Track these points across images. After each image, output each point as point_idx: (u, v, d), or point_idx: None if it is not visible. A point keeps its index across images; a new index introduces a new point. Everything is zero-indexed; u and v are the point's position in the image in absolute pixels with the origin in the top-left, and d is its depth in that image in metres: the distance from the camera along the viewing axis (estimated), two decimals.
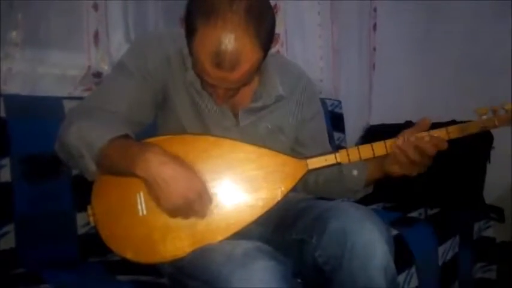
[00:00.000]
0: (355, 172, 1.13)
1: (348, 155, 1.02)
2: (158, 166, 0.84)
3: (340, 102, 2.28)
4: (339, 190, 1.19)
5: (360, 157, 1.02)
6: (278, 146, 1.06)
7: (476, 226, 1.86)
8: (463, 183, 1.88)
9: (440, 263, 1.60)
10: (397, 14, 2.55)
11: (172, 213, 0.89)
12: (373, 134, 0.98)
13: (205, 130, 1.06)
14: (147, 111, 1.06)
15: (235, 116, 1.09)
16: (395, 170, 1.06)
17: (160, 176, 0.84)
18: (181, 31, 0.95)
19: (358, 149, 1.02)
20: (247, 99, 1.10)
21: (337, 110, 2.24)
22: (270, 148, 0.99)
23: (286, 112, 1.16)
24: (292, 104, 1.17)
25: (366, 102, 2.51)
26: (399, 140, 1.01)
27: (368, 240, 0.90)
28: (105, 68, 1.50)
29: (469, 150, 1.82)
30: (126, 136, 0.92)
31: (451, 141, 1.04)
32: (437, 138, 1.00)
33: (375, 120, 2.46)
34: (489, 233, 1.91)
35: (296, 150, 1.20)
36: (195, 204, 0.87)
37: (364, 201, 1.18)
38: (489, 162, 1.91)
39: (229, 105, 1.07)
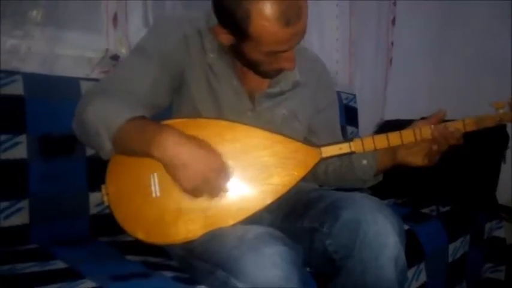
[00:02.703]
0: (364, 161, 1.12)
1: (363, 144, 1.01)
2: (174, 147, 0.85)
3: (354, 96, 2.25)
4: (349, 179, 1.19)
5: (375, 147, 1.02)
6: (293, 133, 1.06)
7: (487, 226, 1.84)
8: (477, 182, 1.86)
9: (449, 260, 1.59)
10: (417, 9, 2.52)
11: (192, 193, 0.89)
12: (387, 129, 0.98)
13: (220, 114, 1.06)
14: (164, 94, 1.06)
15: (252, 100, 1.09)
16: (417, 161, 1.06)
17: (176, 157, 0.85)
18: (199, 13, 0.95)
19: (373, 138, 1.02)
20: (264, 84, 1.10)
21: (351, 103, 2.22)
22: (284, 135, 0.99)
23: (302, 99, 1.15)
24: (308, 91, 1.16)
25: (381, 97, 2.49)
26: (438, 128, 1.02)
27: (380, 230, 0.90)
28: (123, 51, 1.51)
29: (484, 149, 1.80)
30: (142, 118, 0.92)
31: (466, 140, 1.03)
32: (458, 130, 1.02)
33: (390, 116, 2.43)
34: (500, 233, 1.88)
35: (307, 138, 1.19)
36: (214, 181, 0.87)
37: (376, 196, 1.17)
38: (504, 162, 1.88)
39: (246, 90, 1.07)
